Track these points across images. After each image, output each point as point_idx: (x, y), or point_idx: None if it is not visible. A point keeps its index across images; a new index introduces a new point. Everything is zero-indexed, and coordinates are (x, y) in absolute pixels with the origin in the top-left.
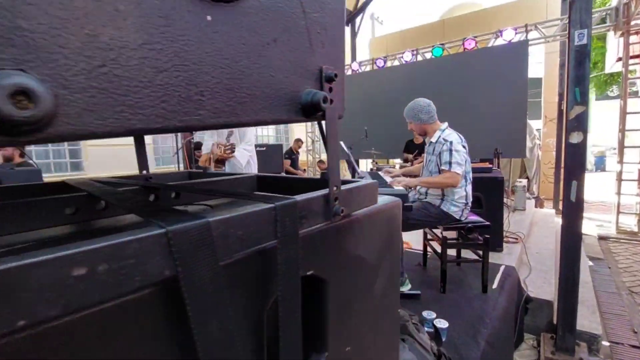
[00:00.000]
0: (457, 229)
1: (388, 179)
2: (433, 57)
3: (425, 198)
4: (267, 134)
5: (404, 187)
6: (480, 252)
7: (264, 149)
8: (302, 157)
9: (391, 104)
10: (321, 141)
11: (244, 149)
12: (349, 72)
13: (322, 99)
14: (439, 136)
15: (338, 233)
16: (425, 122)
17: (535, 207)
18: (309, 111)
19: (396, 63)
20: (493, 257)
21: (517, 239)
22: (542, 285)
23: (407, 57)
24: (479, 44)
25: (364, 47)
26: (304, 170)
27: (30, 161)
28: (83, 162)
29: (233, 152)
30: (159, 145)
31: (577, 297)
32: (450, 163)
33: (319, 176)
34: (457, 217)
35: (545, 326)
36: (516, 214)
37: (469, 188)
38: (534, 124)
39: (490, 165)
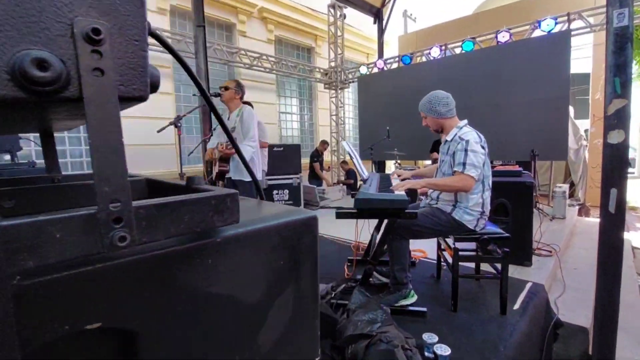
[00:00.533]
0: (470, 240)
1: (395, 182)
2: (463, 52)
3: (436, 204)
4: (291, 134)
5: (409, 189)
6: (500, 267)
7: (281, 149)
8: (327, 157)
9: (417, 103)
10: (346, 141)
11: (248, 145)
12: (375, 70)
13: (37, 62)
14: (455, 134)
15: (137, 269)
16: (442, 115)
17: (579, 215)
18: (22, 84)
19: (423, 60)
20: (519, 272)
21: (550, 251)
22: (577, 307)
23: (435, 52)
24: (514, 36)
25: (393, 46)
26: (328, 168)
27: None
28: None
29: (225, 148)
30: (185, 144)
31: (616, 323)
32: (464, 164)
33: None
34: (471, 227)
35: (579, 357)
36: (554, 223)
37: (488, 195)
38: (582, 124)
39: (519, 168)
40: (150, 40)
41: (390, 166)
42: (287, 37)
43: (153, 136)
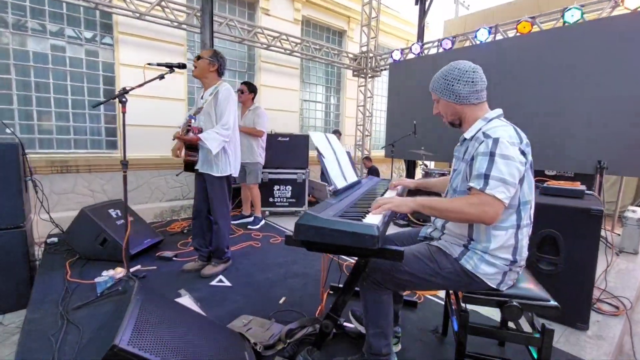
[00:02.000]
0: (490, 303)
1: (391, 194)
2: (518, 35)
3: (439, 238)
4: (313, 124)
5: (388, 210)
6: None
7: (287, 139)
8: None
9: None
10: (373, 135)
11: (216, 132)
12: (410, 57)
13: None
14: (479, 129)
15: None
16: (463, 100)
17: None
18: None
19: (467, 45)
20: (568, 340)
21: (617, 307)
22: None
23: (482, 35)
24: (586, 16)
25: (437, 32)
26: None
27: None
28: (118, 141)
29: (189, 131)
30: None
31: None
32: (486, 177)
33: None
34: (493, 285)
35: None
36: (622, 261)
37: (526, 233)
38: None
39: (581, 187)
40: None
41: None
42: (316, 18)
43: (162, 117)
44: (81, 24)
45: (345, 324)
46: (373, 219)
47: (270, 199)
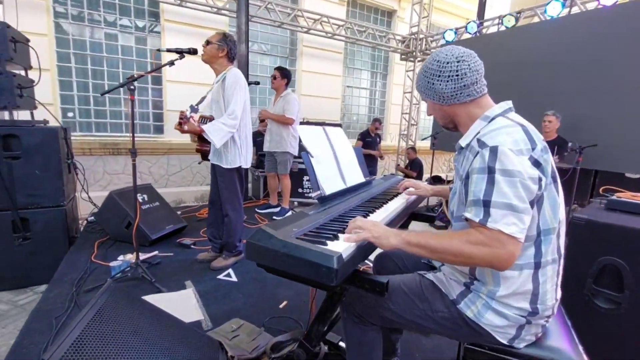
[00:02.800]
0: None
1: (400, 201)
2: (600, 7)
3: (441, 267)
4: (356, 112)
5: (364, 241)
6: None
7: None
8: (393, 142)
9: (515, 79)
10: (420, 124)
11: (222, 123)
12: (465, 37)
13: None
14: (476, 133)
15: None
16: (449, 99)
17: None
18: None
19: (535, 21)
20: None
21: None
22: None
23: (554, 9)
24: None
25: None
26: (381, 157)
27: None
28: (164, 125)
29: (182, 124)
30: None
31: None
32: (486, 205)
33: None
34: (503, 341)
35: None
36: None
37: (552, 273)
38: None
39: None
40: None
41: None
42: None
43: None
44: (131, 13)
45: (341, 343)
46: (336, 249)
47: (299, 190)
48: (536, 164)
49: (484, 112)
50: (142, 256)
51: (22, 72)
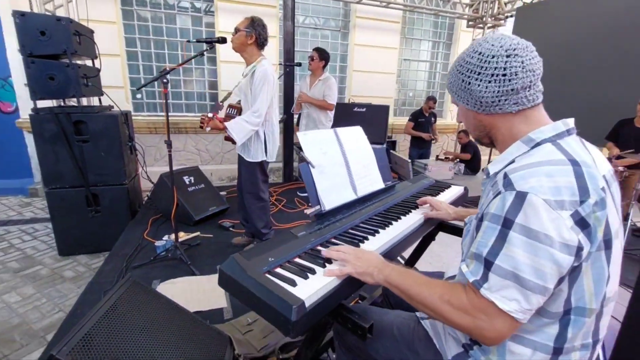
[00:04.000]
0: None
1: (415, 217)
2: None
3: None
4: (413, 87)
5: (346, 275)
6: None
7: (364, 110)
8: (455, 120)
9: (606, 49)
10: None
11: (245, 121)
12: None
13: None
14: (509, 162)
15: None
16: (488, 106)
17: None
18: None
19: None
20: None
21: None
22: None
23: None
24: None
25: None
26: (433, 139)
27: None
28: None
29: (202, 126)
30: None
31: None
32: (487, 265)
33: None
34: None
35: None
36: None
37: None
38: None
39: None
40: None
41: None
42: None
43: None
44: None
45: None
46: (319, 281)
47: None
48: (581, 224)
49: (529, 130)
50: (184, 237)
51: (89, 63)
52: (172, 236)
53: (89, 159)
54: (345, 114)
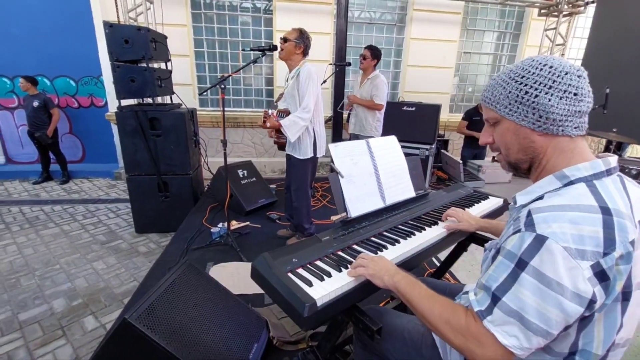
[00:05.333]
0: None
1: (437, 231)
2: None
3: None
4: (473, 82)
5: (362, 277)
6: None
7: (413, 109)
8: None
9: None
10: None
11: (298, 117)
12: None
13: None
14: (537, 197)
15: None
16: (552, 124)
17: None
18: None
19: None
20: None
21: None
22: None
23: None
24: None
25: None
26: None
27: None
28: (273, 101)
29: (265, 121)
30: None
31: None
32: (494, 299)
33: None
34: None
35: None
36: None
37: None
38: None
39: None
40: None
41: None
42: None
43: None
44: None
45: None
46: (333, 284)
47: None
48: (600, 276)
49: (568, 163)
50: (236, 225)
51: (163, 65)
52: (226, 224)
53: (160, 150)
54: (394, 113)
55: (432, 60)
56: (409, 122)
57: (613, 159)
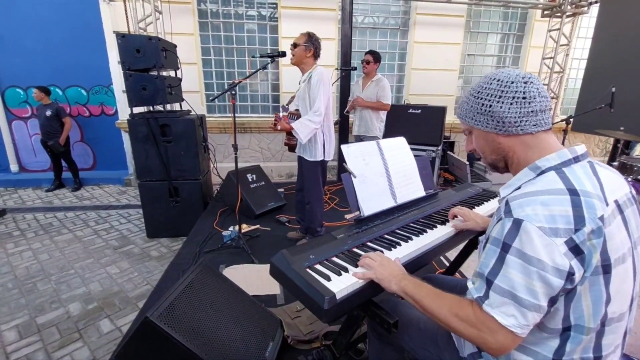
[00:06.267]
0: None
1: (444, 230)
2: None
3: None
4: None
5: (368, 279)
6: None
7: (419, 111)
8: None
9: None
10: (563, 96)
11: (309, 120)
12: None
13: None
14: (515, 188)
15: None
16: (511, 126)
17: None
18: None
19: None
20: None
21: None
22: None
23: None
24: None
25: None
26: None
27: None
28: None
29: (276, 124)
30: None
31: None
32: (488, 284)
33: None
34: None
35: None
36: None
37: None
38: None
39: None
40: None
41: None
42: None
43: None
44: (254, 4)
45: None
46: (350, 278)
47: None
48: (575, 250)
49: (539, 156)
50: (246, 228)
51: (172, 73)
52: (237, 227)
53: (171, 156)
54: (400, 116)
55: (436, 63)
56: (415, 124)
57: (580, 148)
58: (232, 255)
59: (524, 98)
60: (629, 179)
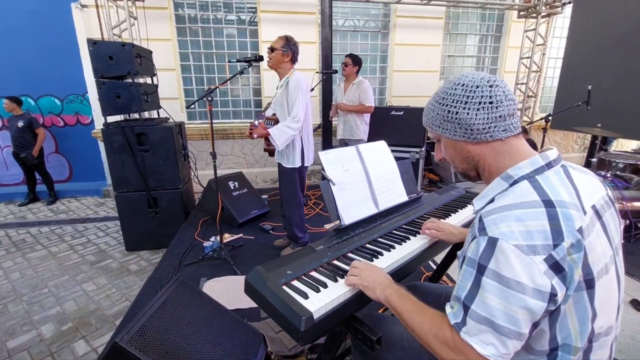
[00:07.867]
0: None
1: (418, 242)
2: None
3: None
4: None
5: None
6: None
7: (401, 113)
8: None
9: None
10: (542, 95)
11: (286, 126)
12: None
13: None
14: (490, 200)
15: None
16: (479, 133)
17: None
18: None
19: None
20: None
21: None
22: None
23: None
24: None
25: None
26: None
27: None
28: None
29: (251, 133)
30: None
31: None
32: (465, 309)
33: None
34: None
35: None
36: None
37: None
38: None
39: None
40: None
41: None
42: None
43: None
44: (234, 9)
45: None
46: (329, 294)
47: None
48: (555, 268)
49: (511, 164)
50: (229, 238)
51: (149, 80)
52: (218, 238)
53: (149, 166)
54: (383, 118)
55: (417, 65)
56: (398, 126)
57: (552, 152)
58: (213, 267)
59: (490, 103)
60: (609, 175)
